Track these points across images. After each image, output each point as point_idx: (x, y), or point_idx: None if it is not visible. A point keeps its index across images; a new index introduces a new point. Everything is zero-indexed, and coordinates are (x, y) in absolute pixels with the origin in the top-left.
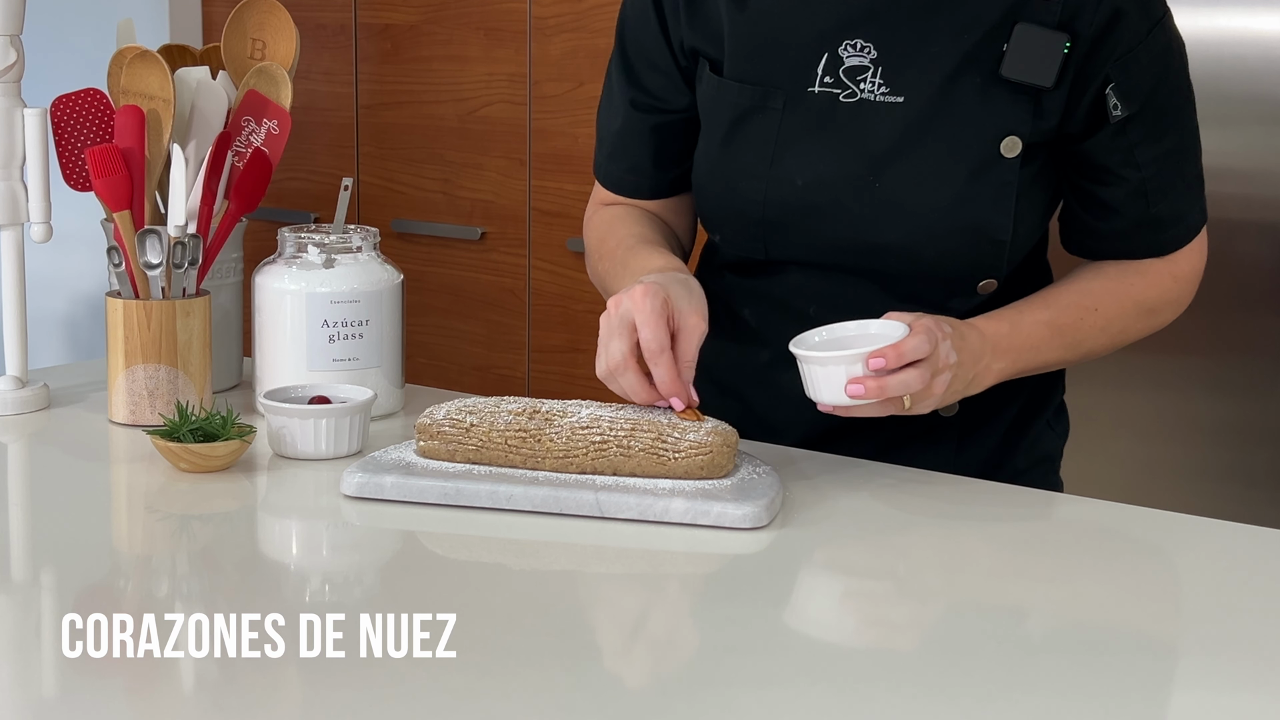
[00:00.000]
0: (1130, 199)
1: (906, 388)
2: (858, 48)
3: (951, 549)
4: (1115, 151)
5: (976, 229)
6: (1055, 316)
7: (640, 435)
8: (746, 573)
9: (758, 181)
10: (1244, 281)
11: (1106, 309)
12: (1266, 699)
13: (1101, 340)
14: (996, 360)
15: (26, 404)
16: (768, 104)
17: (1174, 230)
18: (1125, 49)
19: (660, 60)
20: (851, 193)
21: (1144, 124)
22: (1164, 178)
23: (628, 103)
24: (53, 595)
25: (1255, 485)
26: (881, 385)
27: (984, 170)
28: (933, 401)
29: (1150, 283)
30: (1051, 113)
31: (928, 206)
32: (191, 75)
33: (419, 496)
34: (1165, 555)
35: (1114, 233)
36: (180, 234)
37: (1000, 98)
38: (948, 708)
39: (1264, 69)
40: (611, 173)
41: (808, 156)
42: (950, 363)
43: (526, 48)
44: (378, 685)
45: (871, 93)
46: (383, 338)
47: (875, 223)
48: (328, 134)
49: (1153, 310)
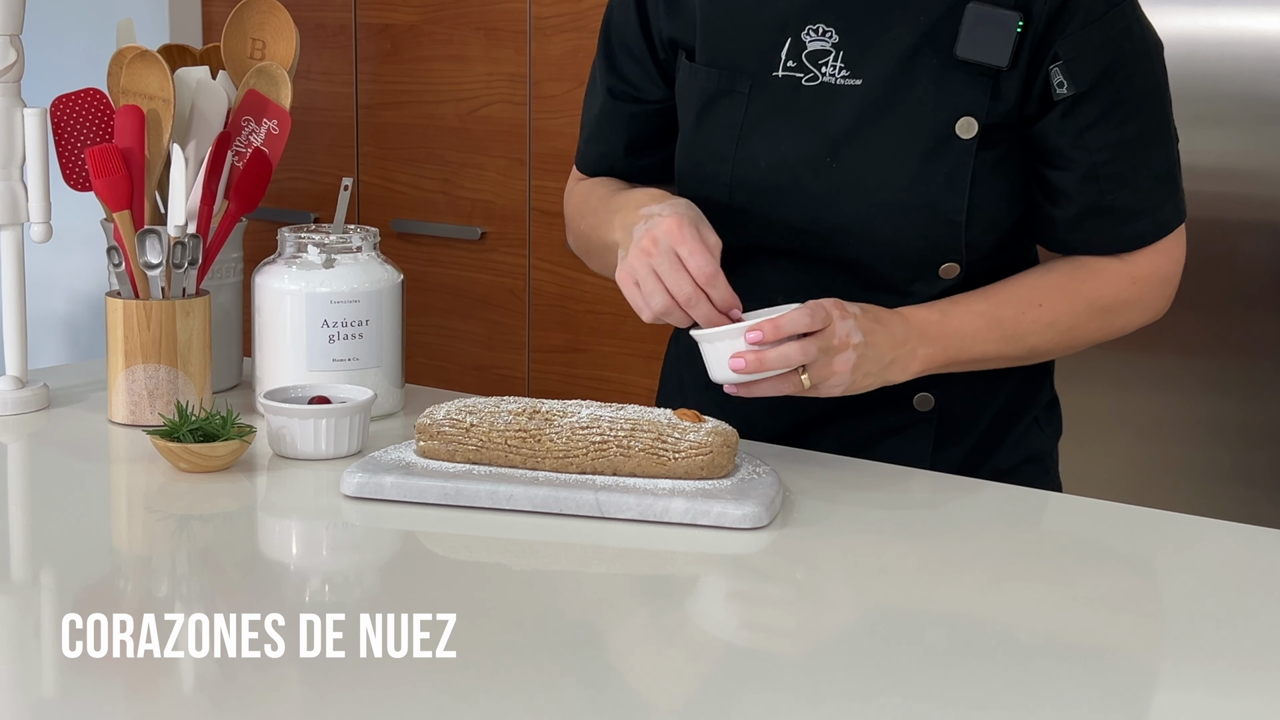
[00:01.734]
0: (1082, 184)
1: (787, 360)
2: (819, 32)
3: (952, 550)
4: (1065, 133)
5: (931, 209)
6: (994, 308)
7: (640, 435)
8: (746, 573)
9: (725, 164)
10: (1244, 281)
11: (1054, 305)
12: (1267, 699)
13: (1049, 336)
14: (922, 346)
15: (26, 404)
16: (734, 88)
17: (1136, 225)
18: (1077, 26)
19: (639, 51)
20: (811, 173)
21: (1096, 106)
22: (1120, 166)
23: (606, 90)
24: (53, 595)
25: (1255, 485)
26: (760, 358)
27: (939, 150)
28: (838, 381)
29: (1104, 281)
30: (1009, 94)
31: (883, 186)
32: (191, 75)
33: (419, 496)
34: (1163, 555)
35: (1068, 221)
36: (180, 234)
37: (956, 79)
38: (947, 709)
39: (1264, 69)
40: (588, 156)
41: (771, 139)
42: (853, 342)
43: (526, 48)
44: (378, 685)
45: (832, 76)
46: (383, 338)
47: (833, 203)
48: (328, 134)
49: (1108, 310)
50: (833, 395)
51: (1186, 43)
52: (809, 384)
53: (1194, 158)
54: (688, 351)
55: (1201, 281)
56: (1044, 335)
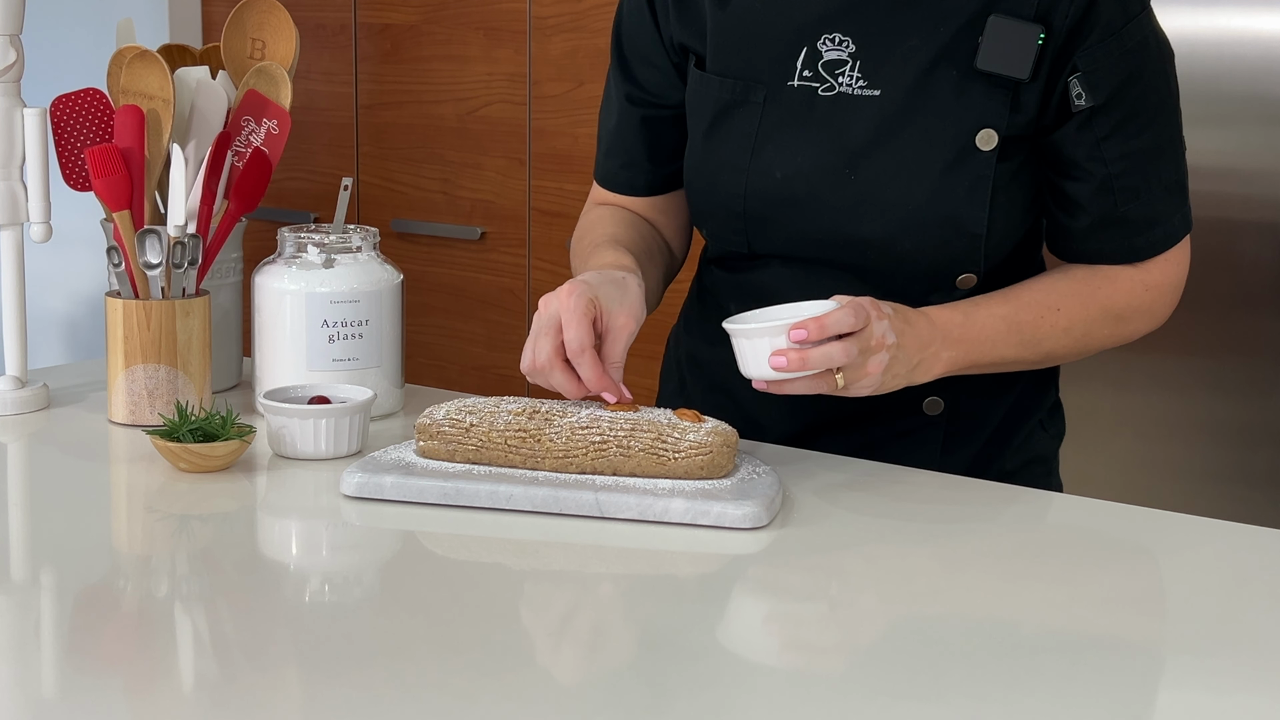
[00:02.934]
0: (1097, 195)
1: (829, 360)
2: (836, 41)
3: (951, 550)
4: (1081, 145)
5: (952, 222)
6: (1014, 312)
7: (640, 435)
8: (746, 573)
9: (739, 175)
10: (1244, 281)
11: (1070, 310)
12: (1268, 700)
13: (1064, 342)
14: (946, 349)
15: (26, 404)
16: (749, 98)
17: (1148, 235)
18: (1097, 39)
19: (654, 55)
20: (829, 185)
21: (1112, 118)
22: (1134, 177)
23: (623, 97)
24: (53, 595)
25: (1255, 485)
26: (803, 357)
27: (959, 163)
28: (870, 382)
29: (1120, 289)
30: (1028, 106)
31: (903, 199)
32: (191, 75)
33: (419, 496)
34: (1164, 555)
35: (1082, 231)
36: (180, 234)
37: (976, 91)
38: (947, 709)
39: (1264, 69)
40: (608, 169)
41: (787, 150)
42: (888, 343)
43: (526, 48)
44: (378, 685)
45: (849, 86)
46: (383, 338)
47: (852, 215)
48: (327, 134)
49: (1121, 318)
50: (861, 395)
51: (1186, 43)
52: (843, 384)
53: (1194, 158)
54: (689, 354)
55: (1201, 281)
56: (1060, 340)
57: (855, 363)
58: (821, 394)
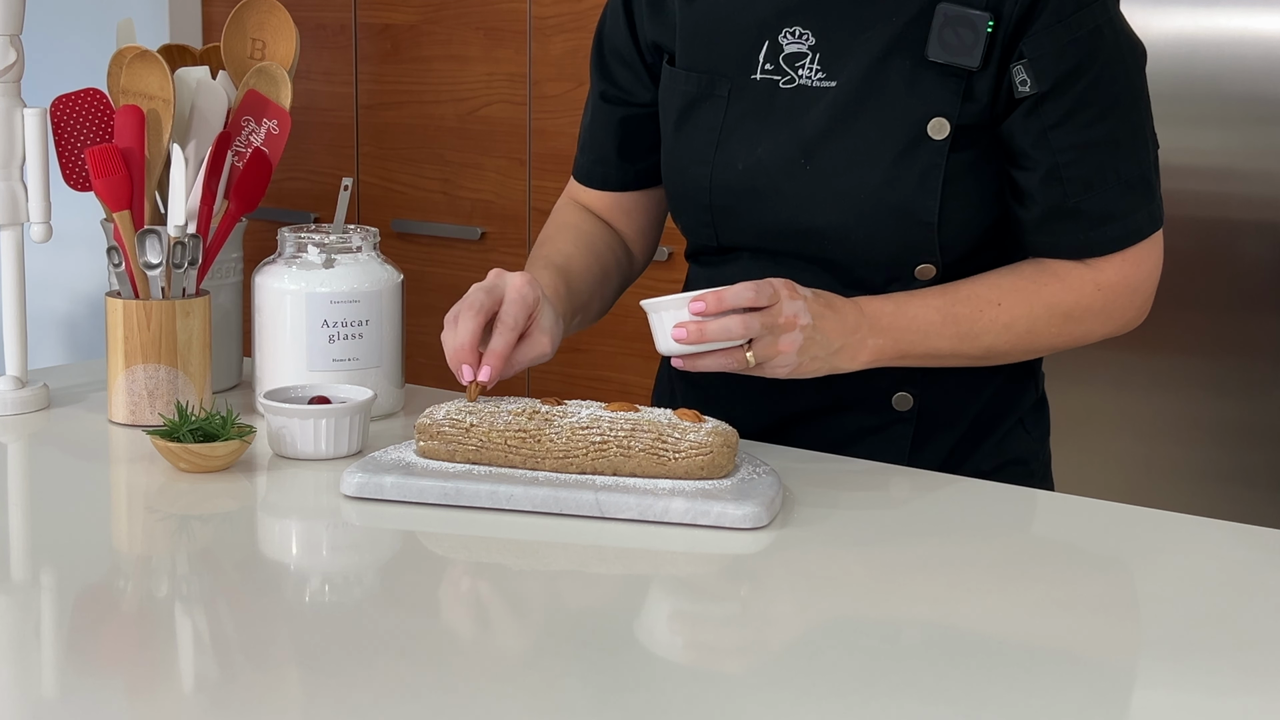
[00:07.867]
0: (1045, 184)
1: (727, 333)
2: (796, 35)
3: (951, 550)
4: (1029, 133)
5: (903, 210)
6: (950, 304)
7: (640, 435)
8: (746, 573)
9: (704, 167)
10: (1244, 281)
11: (1012, 306)
12: (1268, 700)
13: (1006, 338)
14: (873, 336)
15: (26, 404)
16: (714, 91)
17: (1103, 231)
18: (1043, 26)
19: (628, 55)
20: (786, 176)
21: (1061, 106)
22: (1085, 168)
23: (598, 95)
24: (53, 595)
25: (1255, 485)
26: (701, 329)
27: (910, 152)
28: (784, 360)
29: (1067, 286)
30: (981, 94)
31: (855, 188)
32: (191, 75)
33: (419, 496)
34: (1163, 555)
35: (1034, 222)
36: (180, 234)
37: (928, 80)
38: (946, 709)
39: (1264, 69)
40: (582, 164)
41: (749, 142)
42: (801, 323)
43: (526, 48)
44: (378, 685)
45: (809, 79)
46: (383, 338)
47: (808, 205)
48: (328, 134)
49: (1070, 317)
50: (778, 376)
51: (1186, 43)
52: (754, 361)
53: (1194, 158)
54: None
55: (1201, 281)
56: (1000, 336)
57: (765, 340)
58: (740, 374)
